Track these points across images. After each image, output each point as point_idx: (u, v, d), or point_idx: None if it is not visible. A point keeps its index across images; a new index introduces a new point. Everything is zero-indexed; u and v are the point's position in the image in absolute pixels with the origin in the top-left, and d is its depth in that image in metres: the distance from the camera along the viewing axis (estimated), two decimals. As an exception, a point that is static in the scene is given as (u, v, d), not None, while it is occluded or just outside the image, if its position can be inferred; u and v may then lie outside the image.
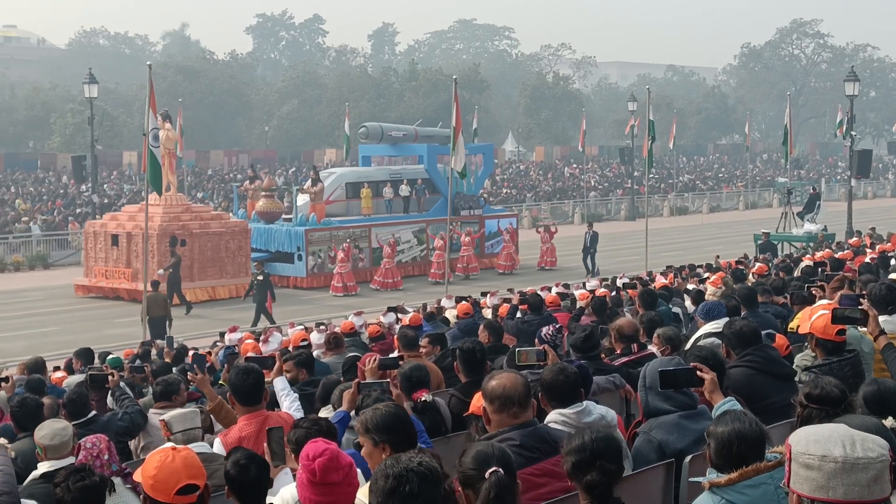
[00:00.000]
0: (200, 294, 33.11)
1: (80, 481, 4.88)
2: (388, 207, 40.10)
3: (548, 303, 15.63)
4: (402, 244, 38.39)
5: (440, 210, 39.80)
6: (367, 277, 36.31)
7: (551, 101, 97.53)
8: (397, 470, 3.58)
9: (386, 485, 3.55)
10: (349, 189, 39.77)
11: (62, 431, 6.65)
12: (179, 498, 4.30)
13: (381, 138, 42.25)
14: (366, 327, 16.45)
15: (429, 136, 44.17)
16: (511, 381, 5.36)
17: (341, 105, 75.20)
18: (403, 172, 41.60)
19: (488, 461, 4.06)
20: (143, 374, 12.42)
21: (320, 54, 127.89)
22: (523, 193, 68.42)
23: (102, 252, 34.15)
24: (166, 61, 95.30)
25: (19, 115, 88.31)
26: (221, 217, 36.32)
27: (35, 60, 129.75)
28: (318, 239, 35.97)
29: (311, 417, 5.70)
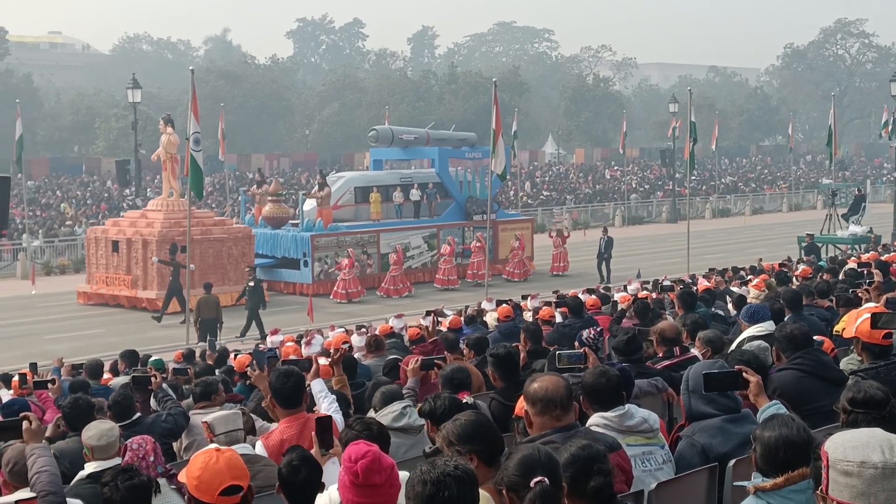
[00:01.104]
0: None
1: (128, 481, 4.92)
2: (398, 212, 39.28)
3: (588, 306, 15.57)
4: (411, 250, 37.62)
5: (452, 215, 39.64)
6: (375, 284, 35.70)
7: (591, 103, 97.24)
8: (434, 475, 3.57)
9: (424, 491, 3.54)
10: (358, 193, 38.88)
11: (109, 432, 6.70)
12: (223, 499, 4.32)
13: (391, 141, 41.29)
14: (406, 330, 16.46)
15: (441, 139, 43.10)
16: (553, 384, 5.33)
17: (381, 108, 75.44)
18: (414, 176, 40.79)
19: (534, 468, 4.00)
20: (187, 376, 12.49)
21: (360, 58, 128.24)
22: (563, 196, 68.22)
23: (103, 259, 33.52)
24: (208, 66, 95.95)
25: (65, 120, 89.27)
26: (224, 223, 35.66)
27: (80, 66, 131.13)
28: (324, 245, 35.17)
29: (363, 420, 5.70)
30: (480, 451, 4.66)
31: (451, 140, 43.04)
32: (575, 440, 4.54)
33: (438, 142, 42.14)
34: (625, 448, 5.56)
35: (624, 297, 18.38)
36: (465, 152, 42.05)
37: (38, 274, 38.77)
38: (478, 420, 4.81)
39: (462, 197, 40.06)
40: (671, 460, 5.90)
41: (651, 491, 5.46)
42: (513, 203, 61.88)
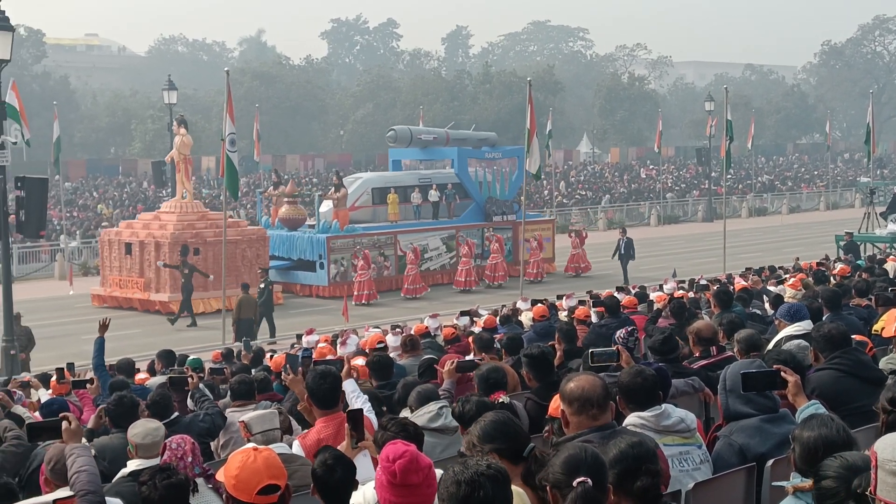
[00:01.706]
0: (215, 304, 31.25)
1: (167, 480, 4.95)
2: (416, 213, 38.76)
3: (625, 305, 15.52)
4: (429, 251, 37.12)
5: (471, 216, 39.09)
6: (392, 286, 35.28)
7: (626, 102, 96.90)
8: (468, 475, 3.57)
9: (459, 491, 3.53)
10: (375, 195, 38.32)
11: (155, 431, 6.75)
12: (261, 498, 4.34)
13: (409, 142, 40.82)
14: (441, 329, 16.46)
15: (461, 139, 42.49)
16: (589, 383, 5.32)
17: (415, 108, 75.50)
18: (433, 177, 40.09)
19: (578, 468, 3.97)
20: (223, 376, 12.56)
21: (394, 58, 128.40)
22: (599, 195, 68.04)
23: (117, 261, 33.27)
24: (243, 67, 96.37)
25: (101, 121, 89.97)
26: (238, 224, 35.02)
27: (116, 68, 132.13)
28: (340, 246, 34.62)
29: (398, 420, 5.72)
30: (503, 450, 4.67)
31: (471, 140, 42.63)
32: (625, 436, 4.52)
33: (458, 142, 41.67)
34: (662, 448, 5.53)
35: (660, 297, 18.32)
36: (485, 152, 41.54)
37: (75, 274, 39.07)
38: (498, 419, 4.81)
39: (481, 198, 39.64)
40: (709, 460, 5.87)
41: (688, 491, 5.44)
42: (547, 202, 61.80)
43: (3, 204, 21.80)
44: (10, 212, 22.19)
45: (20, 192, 21.76)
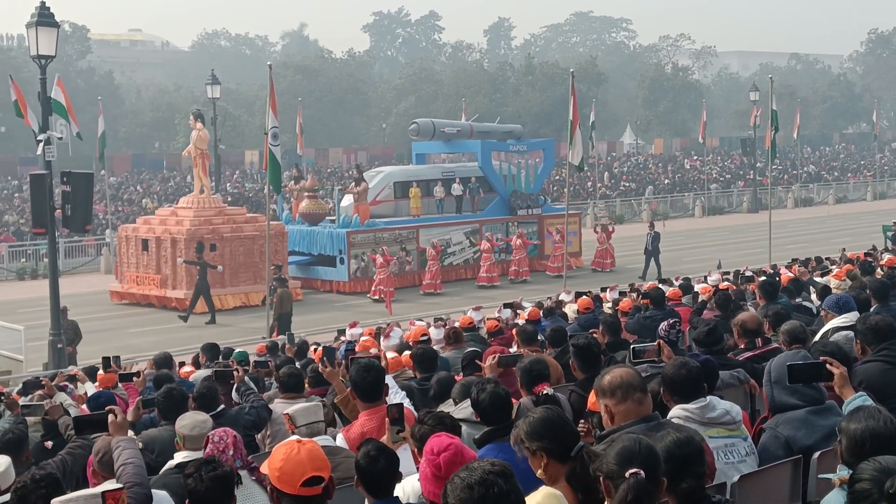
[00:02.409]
0: (232, 301, 31.65)
1: (212, 472, 4.97)
2: (439, 207, 38.14)
3: (669, 297, 15.43)
4: (452, 246, 36.58)
5: (495, 210, 38.53)
6: (415, 281, 34.76)
7: (670, 93, 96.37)
8: (477, 477, 3.55)
9: (474, 494, 3.50)
10: (397, 188, 37.71)
11: (203, 423, 6.80)
12: (305, 489, 4.36)
13: (433, 135, 40.03)
14: (484, 322, 16.45)
15: (485, 131, 41.70)
16: (626, 372, 5.30)
17: (458, 101, 75.45)
18: (456, 170, 39.52)
19: (631, 460, 3.94)
20: (267, 369, 12.62)
21: (436, 51, 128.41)
22: (643, 187, 67.71)
23: (134, 258, 32.92)
24: (286, 61, 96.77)
25: (145, 116, 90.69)
26: (256, 220, 34.28)
27: (160, 63, 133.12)
28: (360, 241, 34.13)
29: (435, 414, 5.72)
30: (550, 449, 4.59)
31: (496, 133, 41.96)
32: (671, 432, 4.48)
33: (482, 135, 41.00)
34: (707, 440, 5.50)
35: (705, 289, 18.19)
36: (510, 145, 40.76)
37: (121, 268, 39.36)
38: (547, 416, 4.75)
39: (506, 191, 39.12)
40: (754, 452, 5.83)
41: (734, 483, 5.41)
42: (591, 194, 61.59)
43: (50, 199, 22.04)
44: (57, 206, 22.42)
45: (66, 187, 21.98)
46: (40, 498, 4.83)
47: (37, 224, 22.43)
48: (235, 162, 76.48)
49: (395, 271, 33.75)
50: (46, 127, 22.67)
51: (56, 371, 19.04)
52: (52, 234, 22.72)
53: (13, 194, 60.00)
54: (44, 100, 22.79)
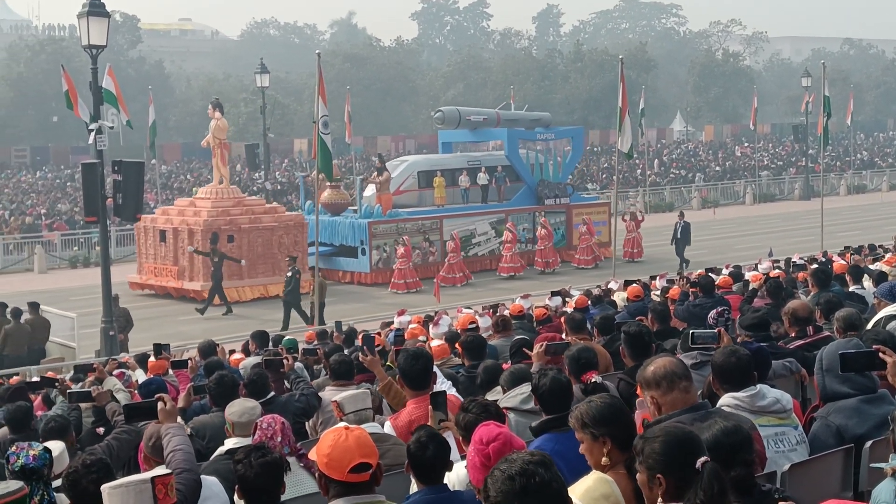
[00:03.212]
0: (250, 292, 31.23)
1: (262, 458, 5.01)
2: (464, 197, 37.33)
3: (719, 285, 15.33)
4: (477, 236, 35.85)
5: (522, 199, 37.76)
6: (438, 272, 33.41)
7: (721, 79, 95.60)
8: (518, 467, 3.52)
9: (515, 485, 3.47)
10: (421, 178, 37.02)
11: (252, 410, 6.86)
12: (353, 476, 4.38)
13: (458, 123, 39.12)
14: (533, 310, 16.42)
15: (512, 119, 40.84)
16: (667, 360, 5.27)
17: (506, 88, 75.23)
18: (482, 159, 38.76)
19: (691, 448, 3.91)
20: (316, 357, 12.66)
21: (485, 38, 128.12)
22: (693, 174, 67.23)
23: (152, 248, 32.40)
24: (334, 49, 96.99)
25: (195, 105, 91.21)
26: (276, 210, 34.00)
27: (209, 52, 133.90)
28: (382, 232, 33.44)
29: (479, 402, 5.71)
30: (616, 436, 4.58)
31: (524, 121, 41.09)
32: (719, 420, 4.44)
33: (509, 122, 40.13)
34: (758, 429, 5.45)
35: (755, 276, 18.05)
36: (538, 133, 39.89)
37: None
38: (614, 403, 4.72)
39: (533, 180, 38.23)
40: (805, 441, 5.78)
41: (784, 472, 5.36)
42: (640, 181, 61.26)
43: (101, 187, 22.26)
44: (108, 195, 22.64)
45: (117, 176, 22.20)
46: (91, 483, 4.88)
47: (89, 212, 22.66)
48: (284, 150, 76.88)
49: (419, 262, 33.40)
50: (98, 116, 22.87)
51: (107, 358, 19.25)
52: (104, 223, 22.96)
53: (66, 183, 60.72)
54: (95, 89, 22.99)
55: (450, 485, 5.13)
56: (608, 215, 39.25)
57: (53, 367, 19.71)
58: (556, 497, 3.51)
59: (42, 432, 7.78)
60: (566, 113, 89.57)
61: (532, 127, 40.42)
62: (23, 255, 40.86)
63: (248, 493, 5.03)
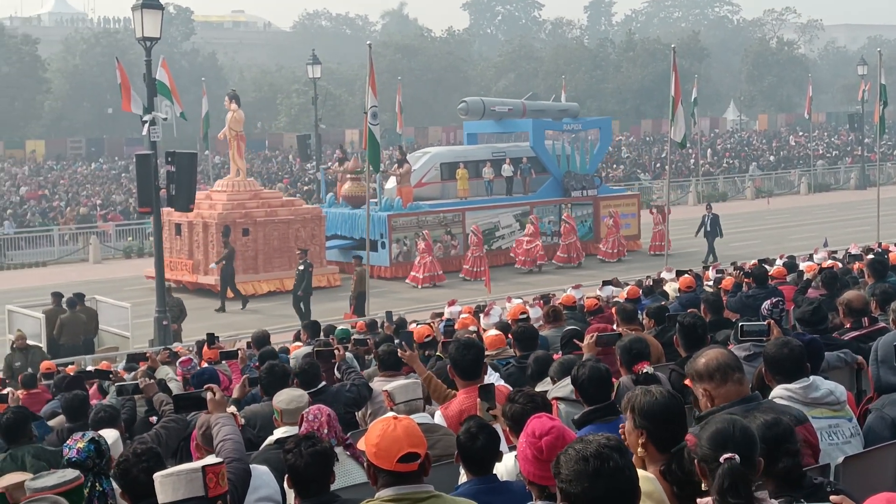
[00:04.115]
0: (266, 286, 30.66)
1: (312, 447, 5.02)
2: (488, 189, 36.52)
3: (773, 276, 15.17)
4: (501, 229, 35.02)
5: (548, 191, 36.95)
6: (459, 266, 33.16)
7: (775, 68, 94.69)
8: (593, 449, 3.49)
9: (588, 466, 3.45)
10: (444, 170, 36.12)
11: (299, 398, 6.89)
12: (401, 465, 4.38)
13: (482, 114, 38.42)
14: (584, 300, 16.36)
15: (539, 110, 39.73)
16: (719, 353, 5.21)
17: (557, 78, 74.88)
18: (507, 151, 37.84)
19: (725, 443, 3.88)
20: (367, 347, 12.71)
21: (536, 28, 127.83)
22: (747, 163, 66.64)
23: (167, 242, 31.12)
24: (386, 40, 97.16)
25: (248, 96, 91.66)
26: (293, 203, 33.52)
27: (262, 44, 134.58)
28: (402, 225, 32.66)
29: (526, 392, 5.69)
30: (652, 432, 4.53)
31: (551, 111, 40.09)
32: (758, 415, 4.39)
33: (536, 113, 39.11)
34: (811, 421, 5.39)
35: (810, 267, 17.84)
36: (564, 124, 38.90)
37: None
38: (667, 403, 4.62)
39: (559, 172, 37.26)
40: (859, 434, 5.70)
41: (838, 465, 5.29)
42: (693, 171, 60.83)
43: (155, 178, 22.46)
44: (162, 186, 22.84)
45: (171, 167, 22.39)
46: (142, 472, 4.92)
47: (142, 203, 22.88)
48: (336, 141, 76.95)
49: (440, 256, 32.79)
50: (151, 108, 23.07)
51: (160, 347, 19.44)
52: (158, 213, 23.16)
53: (120, 174, 61.36)
54: (149, 81, 23.19)
55: (499, 475, 5.13)
56: (637, 207, 38.79)
57: (108, 357, 19.94)
58: (627, 483, 3.49)
59: (92, 422, 7.87)
60: (618, 103, 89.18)
61: (559, 118, 39.55)
62: (78, 246, 41.37)
63: (298, 482, 5.05)
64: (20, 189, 54.70)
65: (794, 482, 4.15)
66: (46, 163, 69.26)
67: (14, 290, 31.28)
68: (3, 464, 7.49)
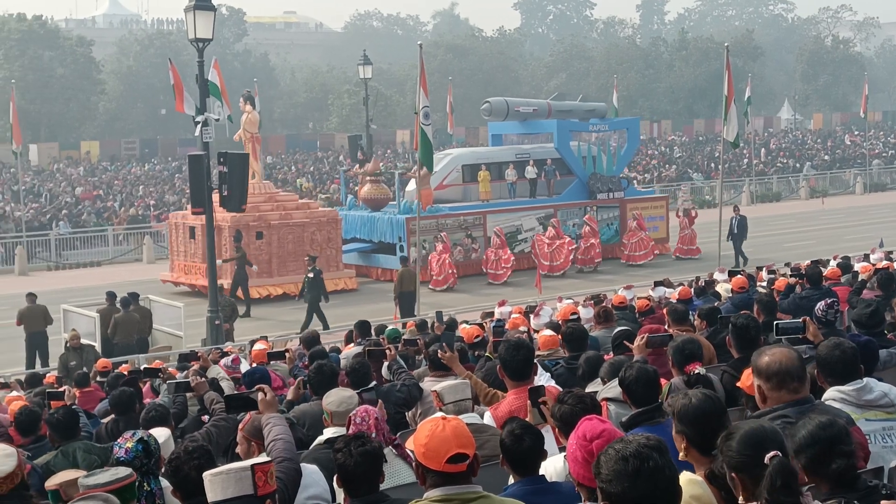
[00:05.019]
0: (280, 290, 30.25)
1: (362, 447, 5.03)
2: (511, 191, 35.80)
3: (827, 276, 14.99)
4: (523, 232, 34.16)
5: (573, 193, 36.15)
6: (480, 269, 32.61)
7: (830, 66, 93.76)
8: (632, 449, 3.48)
9: (628, 467, 3.44)
10: (466, 172, 35.29)
11: (349, 399, 6.90)
12: (450, 466, 4.37)
13: (506, 115, 37.65)
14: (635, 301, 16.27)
15: (565, 110, 38.82)
16: (786, 356, 5.14)
17: (609, 77, 74.64)
18: (531, 152, 36.87)
19: (763, 444, 3.85)
20: (416, 347, 12.70)
21: (588, 27, 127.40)
22: (801, 163, 65.97)
23: (182, 245, 31.64)
24: (436, 40, 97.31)
25: (299, 97, 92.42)
26: (308, 206, 32.86)
27: (313, 45, 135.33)
28: (421, 228, 30.78)
29: (575, 393, 5.66)
30: (690, 436, 4.55)
31: (578, 112, 39.18)
32: (813, 416, 4.34)
33: (562, 114, 38.27)
34: (863, 423, 5.32)
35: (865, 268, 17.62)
36: (590, 125, 38.04)
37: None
38: (701, 406, 4.60)
39: (584, 173, 36.48)
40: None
41: (892, 468, 5.21)
42: (746, 171, 60.31)
43: (207, 179, 22.62)
44: (214, 186, 22.99)
45: (223, 168, 22.55)
46: (193, 469, 4.96)
47: (195, 204, 23.05)
48: (387, 141, 77.35)
49: (460, 259, 32.33)
50: (204, 109, 23.24)
51: (211, 347, 19.59)
52: (210, 214, 23.32)
53: (173, 175, 61.88)
54: (201, 82, 23.38)
55: (548, 476, 5.11)
56: (665, 210, 37.98)
57: (161, 356, 20.11)
58: (667, 483, 3.48)
59: (143, 421, 7.97)
60: (670, 102, 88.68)
61: (587, 118, 38.77)
62: (132, 246, 41.79)
63: (347, 481, 5.06)
64: (75, 189, 55.33)
65: (848, 484, 4.09)
66: (101, 163, 70.03)
67: (69, 290, 31.68)
68: (55, 460, 7.60)
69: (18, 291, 27.39)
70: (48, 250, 40.48)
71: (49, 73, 74.99)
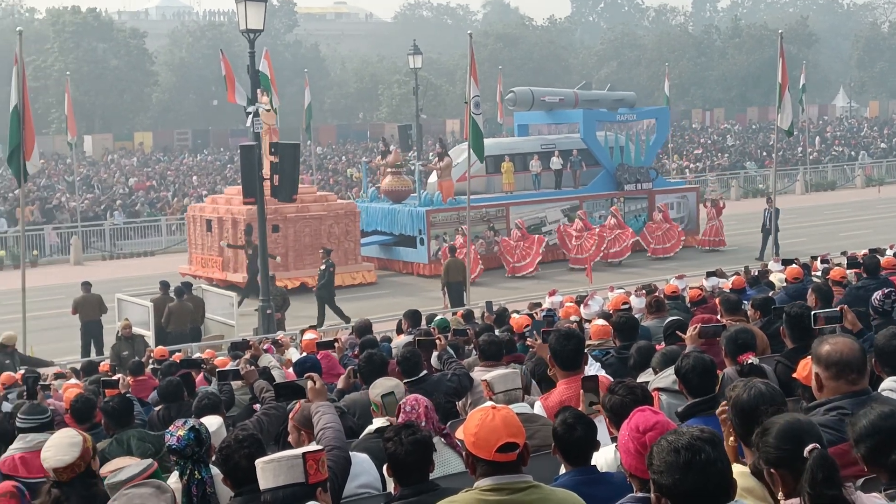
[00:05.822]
0: (296, 283, 29.43)
1: (412, 436, 5.03)
2: (535, 183, 35.11)
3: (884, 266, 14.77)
4: (548, 224, 33.35)
5: (600, 185, 35.28)
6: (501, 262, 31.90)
7: (887, 53, 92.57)
8: (685, 441, 3.46)
9: (679, 458, 3.43)
10: (489, 163, 33.70)
11: (395, 388, 6.90)
12: (500, 455, 4.35)
13: (531, 104, 36.97)
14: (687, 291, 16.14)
15: (592, 100, 37.77)
16: (848, 347, 5.06)
17: (661, 66, 74.10)
18: (557, 143, 36.04)
19: (801, 437, 3.81)
20: (466, 337, 12.68)
21: (639, 15, 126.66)
22: (857, 151, 65.16)
23: (199, 238, 31.27)
24: (486, 30, 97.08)
25: (349, 87, 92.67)
26: (326, 199, 32.17)
27: (363, 35, 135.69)
28: (442, 221, 31.28)
29: (626, 384, 5.62)
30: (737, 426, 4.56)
31: (606, 101, 38.20)
32: (875, 406, 4.27)
33: (589, 103, 37.20)
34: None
35: (923, 257, 17.36)
36: (618, 114, 37.09)
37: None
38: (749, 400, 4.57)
39: (612, 164, 35.58)
40: None
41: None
42: (800, 160, 59.67)
43: (259, 169, 22.73)
44: (265, 176, 23.10)
45: (274, 158, 22.64)
46: (244, 458, 4.98)
47: (247, 194, 23.12)
48: (436, 131, 77.37)
49: (483, 252, 31.53)
50: (255, 99, 23.34)
51: (262, 336, 19.70)
52: (261, 204, 23.41)
53: (225, 165, 62.34)
54: (252, 73, 23.45)
55: (598, 467, 5.08)
56: (696, 201, 37.10)
57: (213, 345, 20.27)
58: (719, 477, 3.45)
59: (195, 410, 8.03)
60: (723, 90, 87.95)
61: (615, 108, 37.86)
62: (184, 236, 42.10)
63: (398, 470, 5.06)
64: (129, 180, 55.91)
65: (908, 476, 4.02)
66: (154, 154, 70.74)
67: (123, 279, 32.01)
68: (109, 447, 7.68)
69: (74, 281, 27.65)
70: (103, 240, 40.92)
71: (103, 64, 75.84)
